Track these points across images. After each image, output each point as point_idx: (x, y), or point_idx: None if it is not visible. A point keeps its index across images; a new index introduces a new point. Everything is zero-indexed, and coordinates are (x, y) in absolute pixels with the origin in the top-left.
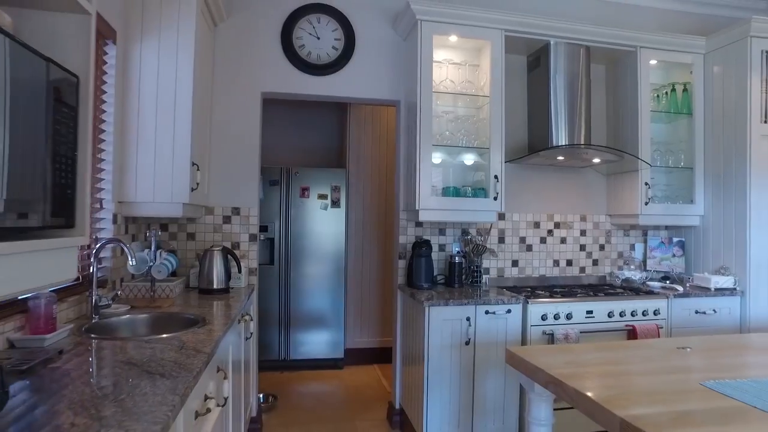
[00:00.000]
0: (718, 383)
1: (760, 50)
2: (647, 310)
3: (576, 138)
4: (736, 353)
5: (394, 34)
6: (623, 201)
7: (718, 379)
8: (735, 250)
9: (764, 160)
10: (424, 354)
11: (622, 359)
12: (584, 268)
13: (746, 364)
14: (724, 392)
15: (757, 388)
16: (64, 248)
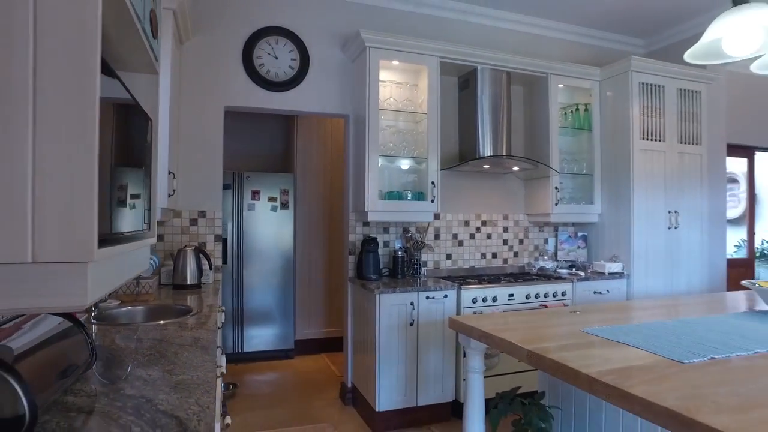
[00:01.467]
0: (592, 329)
1: (638, 82)
2: (557, 292)
3: (499, 149)
4: (609, 313)
5: (343, 56)
6: (538, 202)
7: (592, 326)
8: (623, 242)
9: (643, 170)
10: (376, 335)
11: (532, 320)
12: (507, 259)
13: (614, 319)
14: (595, 333)
15: (616, 330)
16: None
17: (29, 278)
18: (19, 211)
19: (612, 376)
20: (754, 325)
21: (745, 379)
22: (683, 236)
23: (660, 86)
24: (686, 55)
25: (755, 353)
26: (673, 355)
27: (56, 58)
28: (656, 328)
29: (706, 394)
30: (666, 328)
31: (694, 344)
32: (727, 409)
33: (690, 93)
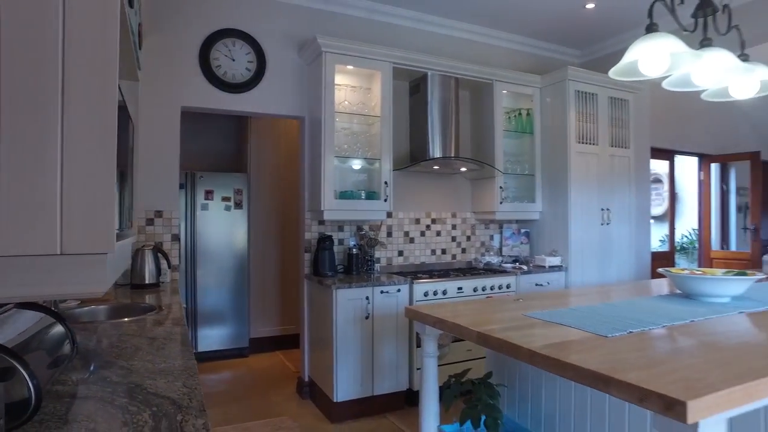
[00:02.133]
0: (533, 313)
1: (574, 90)
2: (502, 284)
3: (448, 151)
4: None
5: (300, 60)
6: (484, 201)
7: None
8: (561, 238)
9: (579, 171)
10: (333, 329)
11: (479, 308)
12: (455, 255)
13: (552, 304)
14: (535, 316)
15: (553, 313)
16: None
17: (58, 268)
18: (49, 208)
19: (549, 349)
20: (666, 305)
21: (653, 346)
22: (614, 231)
23: (593, 94)
24: (610, 72)
25: (663, 326)
26: (599, 331)
27: (82, 70)
28: (587, 310)
29: (623, 359)
30: (596, 311)
31: (618, 322)
32: (637, 368)
33: (619, 101)
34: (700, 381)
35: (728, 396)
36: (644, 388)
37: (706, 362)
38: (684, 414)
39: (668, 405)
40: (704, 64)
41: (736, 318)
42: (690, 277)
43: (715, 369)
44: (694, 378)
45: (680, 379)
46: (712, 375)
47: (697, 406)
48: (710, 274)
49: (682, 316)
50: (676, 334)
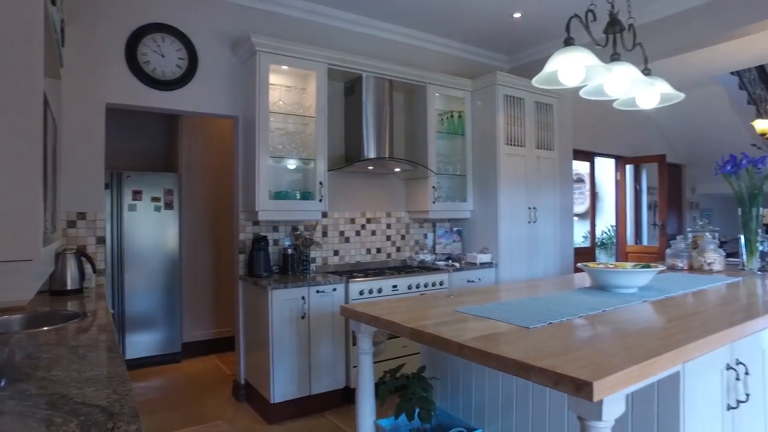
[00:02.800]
0: (463, 308)
1: (503, 94)
2: (435, 282)
3: (382, 152)
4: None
5: (233, 58)
6: (418, 200)
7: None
8: (491, 236)
9: (508, 172)
10: (269, 329)
11: (412, 305)
12: (390, 253)
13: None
14: (465, 311)
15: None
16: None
17: None
18: None
19: (476, 342)
20: (583, 297)
21: (569, 335)
22: (540, 229)
23: (521, 99)
24: (533, 81)
25: (579, 317)
26: (523, 323)
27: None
28: (514, 304)
29: (543, 348)
30: (521, 304)
31: (540, 314)
32: (554, 355)
33: (544, 106)
34: (606, 363)
35: (628, 375)
36: (559, 373)
37: (613, 347)
38: (591, 393)
39: (578, 386)
40: (614, 77)
41: (641, 306)
42: (603, 271)
43: (620, 352)
44: (602, 361)
45: (590, 363)
46: (616, 358)
47: (602, 385)
48: (621, 267)
49: (596, 307)
50: (590, 322)
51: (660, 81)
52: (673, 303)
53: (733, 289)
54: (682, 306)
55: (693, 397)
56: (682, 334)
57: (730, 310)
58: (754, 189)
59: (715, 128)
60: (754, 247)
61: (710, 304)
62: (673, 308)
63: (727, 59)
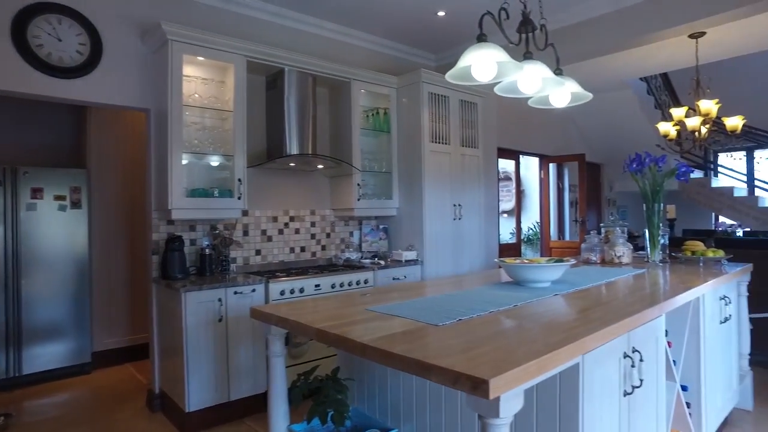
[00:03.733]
0: (375, 307)
1: (427, 92)
2: (360, 280)
3: (305, 148)
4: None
5: (143, 47)
6: (343, 198)
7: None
8: (417, 233)
9: (433, 169)
10: (183, 334)
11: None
12: (315, 252)
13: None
14: (377, 310)
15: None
16: None
17: None
18: None
19: (381, 341)
20: (498, 292)
21: (476, 331)
22: (465, 226)
23: (445, 96)
24: (447, 76)
25: (489, 312)
26: (432, 321)
27: None
28: (427, 301)
29: (446, 346)
30: (434, 301)
31: (451, 311)
32: (456, 353)
33: (469, 104)
34: (505, 360)
35: (525, 371)
36: (457, 372)
37: (515, 342)
38: (487, 391)
39: (475, 385)
40: (525, 74)
41: (551, 300)
42: (517, 266)
43: (521, 347)
44: (501, 358)
45: (489, 361)
46: (516, 353)
47: (498, 383)
48: (535, 262)
49: (508, 302)
50: (499, 318)
51: (570, 81)
52: (580, 296)
53: (636, 281)
54: (588, 298)
55: (592, 387)
56: (584, 326)
57: (629, 301)
58: (656, 186)
59: (627, 130)
60: (657, 241)
61: (613, 295)
62: (580, 300)
63: (636, 66)
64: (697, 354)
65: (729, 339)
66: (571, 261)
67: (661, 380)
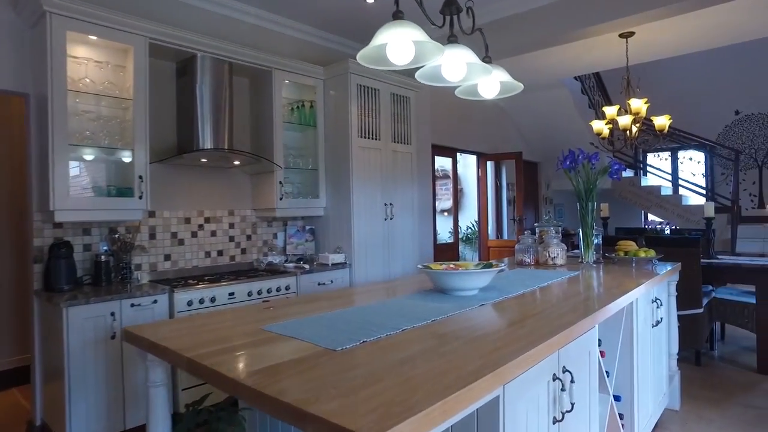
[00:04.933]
0: (272, 325)
1: (356, 83)
2: (280, 286)
3: (221, 142)
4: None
5: (18, 18)
6: (264, 197)
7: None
8: (345, 234)
9: (362, 166)
10: (65, 355)
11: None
12: (234, 256)
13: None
14: (272, 330)
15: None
16: None
17: None
18: None
19: (258, 376)
20: (418, 303)
21: (378, 358)
22: (398, 226)
23: (376, 89)
24: (358, 57)
25: (402, 330)
26: (330, 344)
27: None
28: (336, 316)
29: (336, 380)
30: (342, 317)
31: (359, 329)
32: (342, 394)
33: (401, 98)
34: (402, 403)
35: (426, 418)
36: (335, 424)
37: (422, 374)
38: None
39: None
40: (448, 59)
41: (476, 312)
42: (441, 273)
43: (426, 383)
44: (398, 400)
45: (382, 405)
46: (419, 392)
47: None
48: (463, 267)
49: (426, 315)
50: (411, 338)
51: (499, 69)
52: (510, 304)
53: (570, 285)
54: (517, 308)
55: (515, 421)
56: (508, 348)
57: (562, 310)
58: (589, 184)
59: (563, 128)
60: (590, 240)
61: (545, 303)
62: (508, 311)
63: (570, 64)
64: (631, 361)
65: (660, 341)
66: (501, 266)
67: (594, 398)
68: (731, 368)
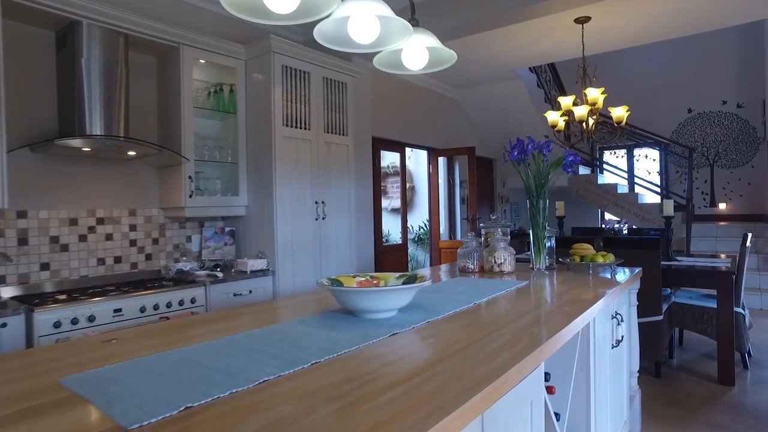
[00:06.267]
0: (72, 377)
1: (281, 65)
2: (184, 299)
3: (114, 128)
4: (153, 339)
5: None
6: (172, 194)
7: (84, 371)
8: (268, 237)
9: (287, 159)
10: None
11: (7, 368)
12: (136, 264)
13: (157, 345)
14: (71, 385)
15: (104, 374)
16: None
17: None
18: None
19: None
20: (311, 331)
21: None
22: (332, 227)
23: (306, 72)
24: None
25: (257, 383)
26: (124, 417)
27: None
28: (177, 358)
29: None
30: (191, 356)
31: (199, 380)
32: None
33: (336, 83)
34: None
35: None
36: None
37: None
38: None
39: None
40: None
41: (380, 347)
42: (344, 291)
43: None
44: None
45: None
46: None
47: None
48: (382, 281)
49: (308, 354)
50: (261, 399)
51: (427, 34)
52: (430, 334)
53: (515, 300)
54: (438, 340)
55: None
56: (398, 421)
57: (496, 343)
58: (541, 178)
59: (518, 123)
60: (542, 244)
61: (477, 332)
62: (423, 346)
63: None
64: (587, 395)
65: (621, 362)
66: (425, 281)
67: None
68: (692, 379)
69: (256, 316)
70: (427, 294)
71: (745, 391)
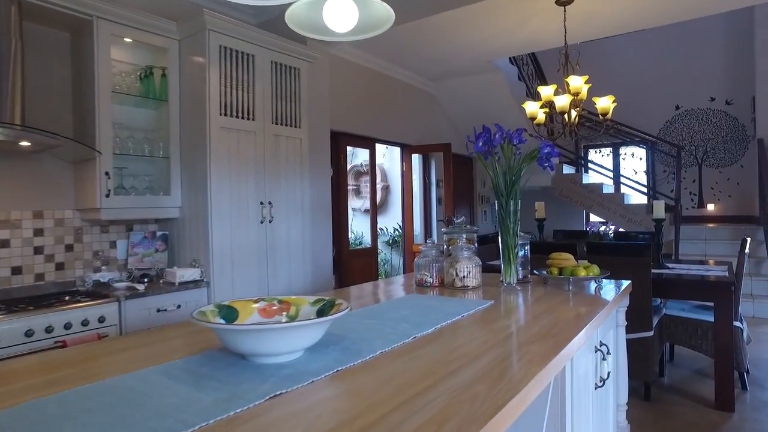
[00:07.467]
0: None
1: (218, 45)
2: (88, 319)
3: (7, 115)
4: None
5: None
6: (87, 193)
7: None
8: (203, 242)
9: (225, 152)
10: None
11: None
12: (43, 274)
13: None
14: None
15: None
16: None
17: None
18: None
19: None
20: (168, 386)
21: None
22: (281, 231)
23: (250, 55)
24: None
25: None
26: None
27: None
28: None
29: None
30: None
31: None
32: None
33: (287, 68)
34: None
35: None
36: None
37: None
38: None
39: None
40: None
41: (245, 420)
42: (226, 329)
43: None
44: None
45: None
46: None
47: None
48: (293, 306)
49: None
50: None
51: None
52: (334, 394)
53: (472, 331)
54: (338, 409)
55: None
56: None
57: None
58: (511, 174)
59: (499, 118)
60: (512, 254)
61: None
62: (313, 422)
63: (503, 41)
64: None
65: (606, 400)
66: (343, 309)
67: None
68: (686, 403)
69: (106, 360)
70: (360, 320)
71: (746, 419)
